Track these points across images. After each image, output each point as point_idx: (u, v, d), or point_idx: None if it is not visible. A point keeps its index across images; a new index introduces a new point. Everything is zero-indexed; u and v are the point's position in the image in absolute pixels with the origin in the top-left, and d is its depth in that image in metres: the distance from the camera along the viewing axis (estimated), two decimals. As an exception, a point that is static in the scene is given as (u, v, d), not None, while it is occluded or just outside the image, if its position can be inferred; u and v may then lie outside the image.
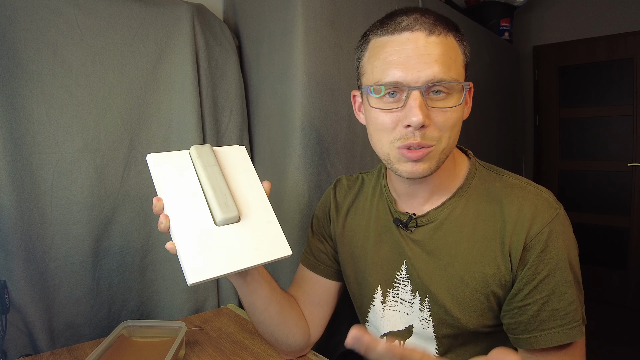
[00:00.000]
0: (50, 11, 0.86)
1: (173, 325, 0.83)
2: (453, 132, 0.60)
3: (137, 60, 0.97)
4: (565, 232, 0.60)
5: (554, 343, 0.58)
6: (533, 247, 0.59)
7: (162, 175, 0.54)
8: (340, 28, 1.12)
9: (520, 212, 0.61)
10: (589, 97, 2.83)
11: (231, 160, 0.60)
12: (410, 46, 0.56)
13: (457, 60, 0.59)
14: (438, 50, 0.56)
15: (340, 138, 1.13)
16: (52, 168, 0.87)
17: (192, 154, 0.57)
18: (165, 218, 0.53)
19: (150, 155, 0.55)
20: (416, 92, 0.56)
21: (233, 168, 0.59)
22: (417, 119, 0.55)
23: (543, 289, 0.59)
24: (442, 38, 0.57)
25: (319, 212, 0.86)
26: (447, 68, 0.56)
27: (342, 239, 0.80)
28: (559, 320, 0.58)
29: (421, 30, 0.57)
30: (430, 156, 0.59)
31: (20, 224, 0.82)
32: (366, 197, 0.79)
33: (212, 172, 0.56)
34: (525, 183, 0.65)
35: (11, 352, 0.82)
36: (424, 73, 0.55)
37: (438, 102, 0.57)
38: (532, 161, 3.09)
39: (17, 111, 0.82)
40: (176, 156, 0.57)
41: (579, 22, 2.82)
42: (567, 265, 0.59)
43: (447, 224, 0.66)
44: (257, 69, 1.20)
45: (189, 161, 0.57)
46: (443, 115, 0.57)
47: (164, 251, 1.03)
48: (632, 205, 2.69)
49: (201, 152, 0.57)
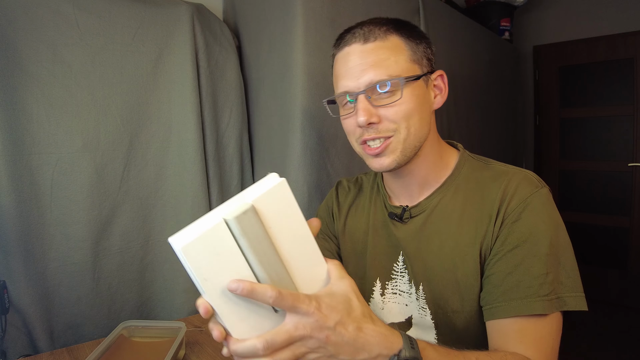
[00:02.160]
0: (50, 11, 0.86)
1: (173, 325, 0.83)
2: (411, 122, 0.64)
3: (137, 60, 0.97)
4: (544, 209, 0.61)
5: (513, 314, 0.57)
6: (507, 218, 0.61)
7: (204, 275, 0.42)
8: (340, 28, 1.10)
9: (504, 191, 0.63)
10: (589, 97, 2.83)
11: (275, 212, 0.46)
12: (350, 58, 0.64)
13: (398, 57, 0.63)
14: (373, 55, 0.63)
15: (340, 138, 1.13)
16: (52, 168, 0.87)
17: (234, 227, 0.42)
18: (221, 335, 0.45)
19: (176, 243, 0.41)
20: (361, 96, 0.63)
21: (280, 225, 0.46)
22: (362, 118, 0.62)
23: (510, 260, 0.59)
24: (378, 43, 0.63)
25: (322, 212, 0.89)
26: (384, 69, 0.62)
27: (344, 237, 0.82)
28: (522, 292, 0.58)
29: (356, 42, 0.64)
30: (392, 148, 0.65)
31: (20, 224, 0.82)
32: (365, 196, 0.82)
33: (263, 251, 0.44)
34: (512, 168, 0.67)
35: (11, 352, 0.82)
36: (363, 79, 0.63)
37: (384, 100, 0.63)
38: (532, 161, 3.08)
39: (17, 111, 0.82)
40: (210, 236, 0.42)
41: (579, 22, 2.82)
42: (541, 240, 0.59)
43: (437, 211, 0.69)
44: (257, 69, 1.20)
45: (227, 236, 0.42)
46: (391, 109, 0.63)
47: (164, 251, 1.04)
48: (632, 205, 2.69)
49: (244, 225, 0.42)
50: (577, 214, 2.86)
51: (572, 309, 0.58)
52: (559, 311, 0.58)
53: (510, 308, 0.58)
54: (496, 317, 0.59)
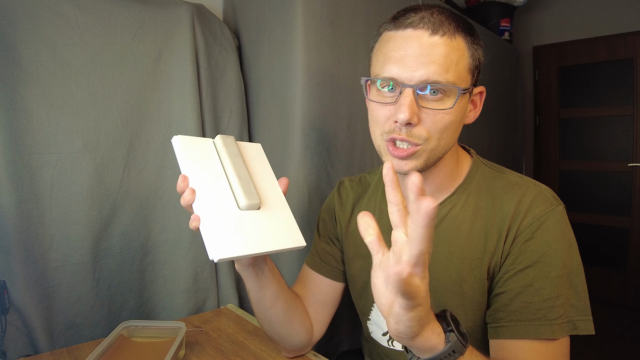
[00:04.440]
0: (50, 11, 0.86)
1: (173, 325, 0.83)
2: (444, 134, 0.59)
3: (137, 60, 0.97)
4: (559, 228, 0.59)
5: (519, 336, 0.56)
6: (520, 236, 0.59)
7: (187, 156, 0.56)
8: (340, 28, 1.12)
9: (517, 207, 0.60)
10: (589, 97, 2.83)
11: (251, 154, 0.64)
12: (411, 44, 0.57)
13: (459, 63, 0.58)
14: (438, 51, 0.56)
15: (340, 138, 1.13)
16: (52, 168, 0.87)
17: (217, 142, 0.61)
18: (192, 192, 0.54)
19: (175, 137, 0.57)
20: (409, 89, 0.56)
21: (253, 161, 0.63)
22: (403, 115, 0.56)
23: (520, 279, 0.57)
24: (445, 39, 0.56)
25: (324, 214, 0.87)
26: (444, 70, 0.56)
27: (347, 239, 0.81)
28: (530, 314, 0.56)
29: (424, 28, 0.56)
30: (417, 155, 0.60)
31: (20, 224, 0.82)
32: (370, 197, 0.80)
33: (237, 160, 0.59)
34: (527, 181, 0.65)
35: (11, 352, 0.82)
36: (419, 72, 0.56)
37: (431, 102, 0.57)
38: (532, 161, 3.09)
39: (16, 111, 0.82)
40: (201, 141, 0.60)
41: (579, 22, 2.82)
42: (553, 261, 0.57)
43: (446, 221, 0.67)
44: (257, 69, 1.20)
45: (213, 148, 0.60)
46: (433, 117, 0.57)
47: (164, 251, 1.04)
48: (632, 205, 2.69)
49: (227, 141, 0.61)
50: (577, 214, 2.86)
51: (582, 333, 0.56)
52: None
53: (517, 330, 0.56)
54: (501, 336, 0.58)
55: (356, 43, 1.16)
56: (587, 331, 0.57)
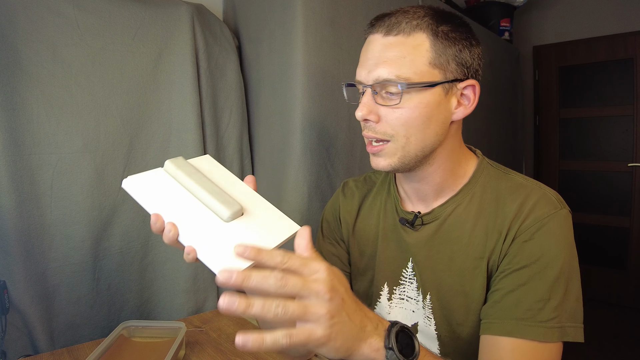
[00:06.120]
0: (50, 11, 0.86)
1: (173, 325, 0.83)
2: (411, 130, 0.59)
3: (137, 60, 0.97)
4: (560, 232, 0.58)
5: (505, 333, 0.55)
6: (519, 236, 0.59)
7: (146, 194, 0.52)
8: (340, 28, 1.12)
9: (520, 208, 0.61)
10: (589, 97, 2.83)
11: (206, 167, 0.61)
12: (369, 47, 0.61)
13: (416, 60, 0.57)
14: (389, 51, 0.58)
15: (340, 138, 1.13)
16: (52, 168, 0.87)
17: (169, 167, 0.57)
18: (173, 226, 0.50)
19: (125, 180, 0.53)
20: (368, 89, 0.60)
21: (211, 173, 0.60)
22: (359, 113, 0.60)
23: (515, 278, 0.57)
24: (400, 38, 0.58)
25: (328, 215, 0.86)
26: (395, 68, 0.57)
27: (352, 239, 0.80)
28: (520, 313, 0.55)
29: (379, 32, 0.60)
30: (387, 152, 0.61)
31: (20, 224, 0.82)
32: (375, 197, 0.80)
33: (198, 177, 0.56)
34: (532, 183, 0.65)
35: (11, 352, 0.82)
36: (372, 73, 0.59)
37: (387, 100, 0.60)
38: (532, 161, 3.09)
39: (17, 111, 0.82)
40: (152, 174, 0.56)
41: (579, 22, 2.82)
42: (551, 264, 0.56)
43: (450, 220, 0.67)
44: (257, 69, 1.20)
45: (166, 176, 0.56)
46: (393, 113, 0.59)
47: (164, 251, 1.04)
48: (632, 205, 2.69)
49: (178, 163, 0.57)
50: (577, 214, 2.84)
51: (571, 340, 0.56)
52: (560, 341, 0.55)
53: (504, 327, 0.56)
54: (489, 332, 0.57)
55: (356, 43, 1.16)
56: (576, 338, 0.56)
